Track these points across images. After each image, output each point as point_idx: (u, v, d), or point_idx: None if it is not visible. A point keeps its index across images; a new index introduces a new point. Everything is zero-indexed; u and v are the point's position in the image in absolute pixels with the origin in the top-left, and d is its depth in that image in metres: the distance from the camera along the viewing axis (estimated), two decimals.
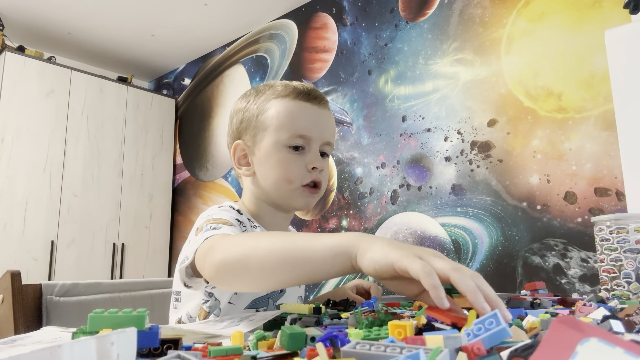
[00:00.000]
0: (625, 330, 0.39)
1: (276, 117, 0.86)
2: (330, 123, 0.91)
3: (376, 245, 0.51)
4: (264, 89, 0.91)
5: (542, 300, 0.67)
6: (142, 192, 3.53)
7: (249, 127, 0.89)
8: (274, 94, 0.88)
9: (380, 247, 0.50)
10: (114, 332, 0.30)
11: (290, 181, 0.86)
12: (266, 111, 0.87)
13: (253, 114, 0.89)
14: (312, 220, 2.76)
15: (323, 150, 0.90)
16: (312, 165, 0.86)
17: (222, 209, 0.85)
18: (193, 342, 0.43)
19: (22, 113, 3.03)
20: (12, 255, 2.85)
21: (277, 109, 0.87)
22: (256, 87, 0.93)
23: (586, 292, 1.74)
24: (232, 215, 0.82)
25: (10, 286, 0.90)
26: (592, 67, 1.84)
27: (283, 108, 0.86)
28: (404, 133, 2.41)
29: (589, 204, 1.78)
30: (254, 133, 0.88)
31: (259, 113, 0.88)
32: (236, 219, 0.82)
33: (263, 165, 0.87)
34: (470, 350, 0.30)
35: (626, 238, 0.88)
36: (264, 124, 0.87)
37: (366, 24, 2.68)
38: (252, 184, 0.91)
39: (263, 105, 0.88)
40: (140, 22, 3.25)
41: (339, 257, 0.54)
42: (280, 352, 0.37)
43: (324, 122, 0.89)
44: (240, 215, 0.85)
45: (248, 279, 0.63)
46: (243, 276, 0.63)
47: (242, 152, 0.90)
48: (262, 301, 0.86)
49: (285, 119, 0.86)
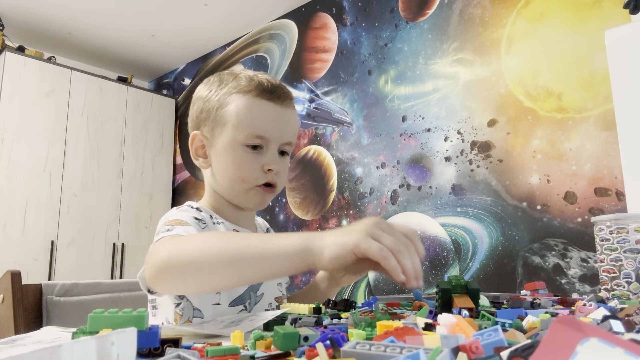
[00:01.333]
0: (625, 330, 0.39)
1: (235, 114, 0.83)
2: (291, 123, 0.89)
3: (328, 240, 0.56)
4: (228, 80, 0.87)
5: (542, 300, 0.67)
6: (142, 192, 3.53)
7: (208, 119, 0.87)
8: (237, 88, 0.85)
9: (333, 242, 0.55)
10: (114, 332, 0.30)
11: (244, 181, 0.84)
12: (226, 105, 0.85)
13: (213, 106, 0.86)
14: (312, 220, 2.76)
15: (283, 150, 0.88)
16: (268, 167, 0.84)
17: (180, 209, 0.84)
18: (193, 342, 0.43)
19: (22, 113, 3.03)
20: (12, 255, 2.85)
21: (237, 105, 0.84)
22: (220, 75, 0.90)
23: (586, 292, 1.73)
24: (190, 214, 0.81)
25: (11, 286, 0.90)
26: (592, 67, 1.84)
27: (243, 105, 0.84)
28: (404, 133, 2.41)
29: (589, 204, 1.78)
30: (213, 126, 0.86)
31: (219, 106, 0.85)
32: (194, 217, 0.80)
33: (219, 161, 0.86)
34: (469, 349, 0.30)
35: (626, 238, 0.88)
36: (223, 119, 0.84)
37: (366, 24, 2.68)
38: (211, 177, 0.90)
39: (224, 98, 0.85)
40: (140, 22, 3.25)
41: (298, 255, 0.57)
42: (276, 352, 0.37)
43: (284, 122, 0.87)
44: (200, 213, 0.84)
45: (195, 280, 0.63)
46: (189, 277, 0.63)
47: (200, 142, 0.88)
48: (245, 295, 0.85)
49: (245, 117, 0.83)
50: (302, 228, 2.79)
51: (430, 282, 2.19)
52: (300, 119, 2.93)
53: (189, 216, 0.80)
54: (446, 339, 0.33)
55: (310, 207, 2.78)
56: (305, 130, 2.89)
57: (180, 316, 0.80)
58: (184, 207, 0.85)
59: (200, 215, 0.84)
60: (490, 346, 0.32)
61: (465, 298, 0.57)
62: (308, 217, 2.78)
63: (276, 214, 2.96)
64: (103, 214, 3.29)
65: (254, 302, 0.87)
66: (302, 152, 2.88)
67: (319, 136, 2.81)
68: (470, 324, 0.41)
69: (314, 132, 2.84)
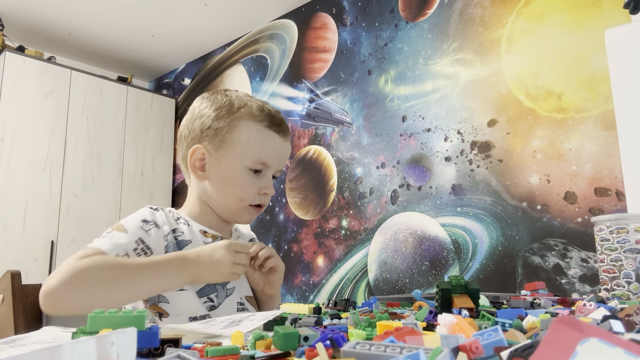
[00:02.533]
0: (625, 330, 0.39)
1: (246, 140, 0.91)
2: (288, 154, 0.99)
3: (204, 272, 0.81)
4: (240, 105, 0.93)
5: (542, 300, 0.67)
6: (142, 192, 3.53)
7: (215, 137, 0.92)
8: (249, 115, 0.92)
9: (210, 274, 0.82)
10: (114, 332, 0.30)
11: (242, 200, 0.93)
12: (239, 129, 0.91)
13: (222, 126, 0.92)
14: (312, 220, 2.76)
15: (274, 175, 0.97)
16: (264, 191, 0.94)
17: (138, 211, 0.90)
18: (193, 342, 0.43)
19: (22, 113, 3.03)
20: (12, 255, 2.85)
21: (249, 132, 0.92)
22: (230, 99, 0.95)
23: (586, 292, 1.74)
24: (141, 215, 0.87)
25: (11, 286, 0.90)
26: (592, 67, 1.84)
27: (255, 133, 0.92)
28: (404, 133, 2.41)
29: (589, 204, 1.78)
30: (219, 145, 0.92)
31: (230, 128, 0.92)
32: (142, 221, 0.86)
33: (220, 178, 0.93)
34: (469, 349, 0.30)
35: (626, 238, 0.88)
36: (232, 142, 0.91)
37: (366, 24, 2.68)
38: (201, 188, 0.96)
39: (236, 122, 0.92)
40: (140, 22, 3.25)
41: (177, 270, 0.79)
42: (276, 352, 0.37)
43: (285, 154, 0.98)
44: (155, 214, 0.89)
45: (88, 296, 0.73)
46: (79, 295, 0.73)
47: (201, 156, 0.94)
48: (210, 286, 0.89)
49: (255, 144, 0.92)
50: (302, 228, 2.80)
51: (430, 282, 2.19)
52: (300, 119, 2.93)
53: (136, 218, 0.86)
54: (446, 339, 0.33)
55: (310, 207, 2.78)
56: (305, 130, 2.89)
57: (145, 302, 0.85)
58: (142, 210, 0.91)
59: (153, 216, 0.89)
60: (490, 346, 0.32)
61: (465, 298, 0.57)
62: (308, 217, 2.78)
63: (276, 214, 2.96)
64: (103, 214, 3.29)
65: (224, 295, 0.90)
66: (302, 152, 2.88)
67: (319, 136, 2.81)
68: (470, 324, 0.41)
69: (314, 132, 2.84)
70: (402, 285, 2.28)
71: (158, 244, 0.85)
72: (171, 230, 0.88)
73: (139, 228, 0.85)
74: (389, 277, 2.34)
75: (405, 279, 2.28)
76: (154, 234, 0.85)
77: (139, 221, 0.86)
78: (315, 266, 2.68)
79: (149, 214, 0.88)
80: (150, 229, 0.86)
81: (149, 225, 0.86)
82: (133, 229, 0.84)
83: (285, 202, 2.92)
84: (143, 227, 0.85)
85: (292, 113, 2.98)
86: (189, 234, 0.90)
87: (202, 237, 0.92)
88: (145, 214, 0.88)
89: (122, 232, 0.83)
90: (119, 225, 0.85)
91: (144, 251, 0.83)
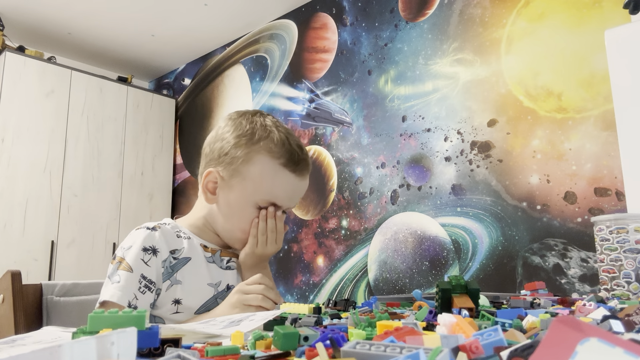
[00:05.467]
0: (625, 330, 0.39)
1: (259, 176, 0.88)
2: (302, 192, 0.96)
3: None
4: (261, 135, 0.90)
5: (542, 300, 0.67)
6: (142, 192, 3.53)
7: (231, 165, 0.90)
8: (267, 150, 0.89)
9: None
10: (114, 332, 0.30)
11: (244, 232, 0.92)
12: (252, 163, 0.89)
13: (239, 156, 0.89)
14: (312, 220, 2.76)
15: (284, 210, 0.95)
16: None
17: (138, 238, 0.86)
18: (193, 342, 0.43)
19: (22, 113, 3.03)
20: (12, 255, 2.85)
21: (263, 168, 0.88)
22: (253, 127, 0.91)
23: (586, 292, 1.73)
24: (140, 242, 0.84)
25: (11, 286, 0.90)
26: (592, 67, 1.84)
27: (269, 171, 0.89)
28: (404, 133, 2.41)
29: (589, 204, 1.78)
30: (232, 174, 0.90)
31: (245, 160, 0.89)
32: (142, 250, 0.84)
33: (227, 206, 0.92)
34: (469, 349, 0.30)
35: (626, 238, 0.88)
36: (244, 174, 0.89)
37: (366, 24, 2.68)
38: (209, 210, 0.95)
39: (253, 155, 0.89)
40: (140, 22, 3.25)
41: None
42: (276, 352, 0.37)
43: (299, 193, 0.94)
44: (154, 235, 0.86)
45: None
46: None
47: (214, 180, 0.92)
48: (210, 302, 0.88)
49: (266, 183, 0.89)
50: (302, 228, 2.79)
51: (430, 282, 2.19)
52: (300, 119, 2.93)
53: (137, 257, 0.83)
54: (446, 339, 0.33)
55: (310, 207, 2.78)
56: (305, 130, 2.89)
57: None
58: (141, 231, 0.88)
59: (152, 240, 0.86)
60: (490, 346, 0.32)
61: (465, 298, 0.57)
62: (308, 217, 2.78)
63: None
64: (103, 214, 3.29)
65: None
66: None
67: (319, 136, 2.81)
68: (470, 324, 0.41)
69: (314, 132, 2.84)
70: (402, 285, 2.28)
71: (157, 273, 0.84)
72: (170, 252, 0.87)
73: (139, 261, 0.83)
74: (389, 277, 2.34)
75: (405, 279, 2.28)
76: (154, 264, 0.84)
77: (139, 251, 0.84)
78: (315, 266, 2.68)
79: (148, 239, 0.86)
80: (149, 259, 0.84)
81: (147, 255, 0.84)
82: (136, 266, 0.83)
83: None
84: (143, 258, 0.84)
85: (292, 113, 2.98)
86: (189, 249, 0.89)
87: (203, 251, 0.92)
88: (144, 240, 0.85)
89: (128, 272, 0.82)
90: (124, 264, 0.83)
91: (147, 287, 0.82)
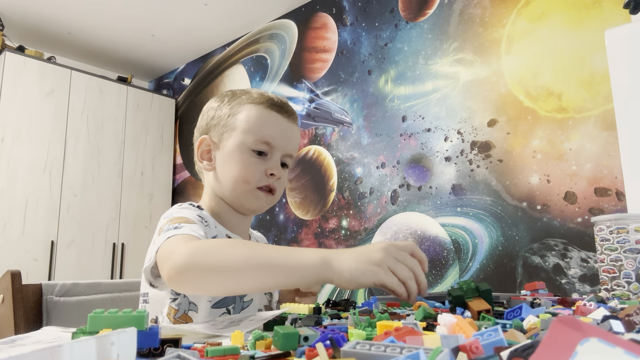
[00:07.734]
0: (625, 330, 0.39)
1: (246, 121, 0.90)
2: (295, 137, 0.96)
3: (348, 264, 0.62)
4: (241, 93, 0.95)
5: (542, 300, 0.67)
6: (142, 192, 3.53)
7: (219, 124, 0.93)
8: (249, 99, 0.93)
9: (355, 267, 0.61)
10: (114, 332, 0.30)
11: (247, 181, 0.89)
12: (238, 113, 0.91)
13: (225, 113, 0.93)
14: (312, 220, 2.76)
15: (284, 161, 0.94)
16: (270, 172, 0.90)
17: (183, 207, 0.88)
18: (193, 342, 0.43)
19: (22, 113, 3.03)
20: (12, 255, 2.85)
21: (248, 113, 0.91)
22: (233, 90, 0.97)
23: (586, 292, 1.74)
24: (193, 212, 0.85)
25: (11, 286, 0.90)
26: (592, 67, 1.84)
27: (254, 113, 0.91)
28: (404, 133, 2.41)
29: (589, 204, 1.78)
30: (222, 131, 0.92)
31: (231, 114, 0.92)
32: (198, 216, 0.84)
33: (224, 163, 0.91)
34: (469, 349, 0.30)
35: (626, 238, 0.88)
36: (233, 125, 0.91)
37: (366, 24, 2.68)
38: (212, 180, 0.94)
39: (236, 107, 0.92)
40: (140, 22, 3.25)
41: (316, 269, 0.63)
42: (276, 352, 0.37)
43: (290, 134, 0.94)
44: (201, 211, 0.88)
45: (218, 284, 0.67)
46: (213, 281, 0.67)
47: (207, 147, 0.94)
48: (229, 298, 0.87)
49: (255, 123, 0.90)
50: (302, 228, 2.79)
51: (430, 282, 2.19)
52: (300, 119, 2.93)
53: (192, 214, 0.83)
54: (446, 339, 0.33)
55: (310, 207, 2.78)
56: (305, 130, 2.89)
57: (175, 311, 0.83)
58: (185, 205, 0.89)
59: (202, 214, 0.87)
60: (490, 346, 0.32)
61: (479, 301, 0.57)
62: (308, 217, 2.78)
63: (276, 214, 2.96)
64: (103, 214, 3.29)
65: (240, 308, 0.88)
66: (302, 152, 2.88)
67: (319, 136, 2.81)
68: (470, 324, 0.41)
69: (314, 132, 2.84)
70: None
71: None
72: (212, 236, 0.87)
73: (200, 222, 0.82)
74: None
75: None
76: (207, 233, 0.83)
77: (196, 216, 0.83)
78: None
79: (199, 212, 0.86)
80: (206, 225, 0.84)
81: (204, 222, 0.84)
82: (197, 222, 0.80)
83: (285, 202, 2.92)
84: (202, 222, 0.83)
85: None
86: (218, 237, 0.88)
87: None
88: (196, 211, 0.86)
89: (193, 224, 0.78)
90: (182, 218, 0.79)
91: None
